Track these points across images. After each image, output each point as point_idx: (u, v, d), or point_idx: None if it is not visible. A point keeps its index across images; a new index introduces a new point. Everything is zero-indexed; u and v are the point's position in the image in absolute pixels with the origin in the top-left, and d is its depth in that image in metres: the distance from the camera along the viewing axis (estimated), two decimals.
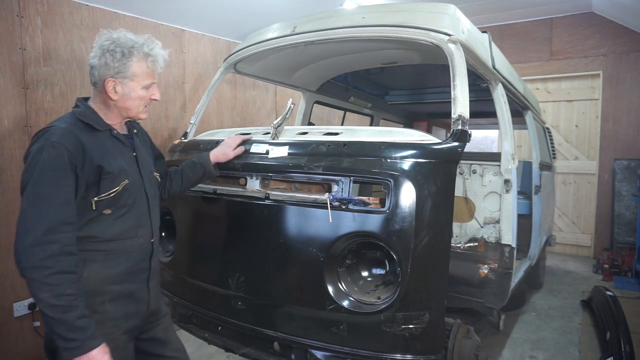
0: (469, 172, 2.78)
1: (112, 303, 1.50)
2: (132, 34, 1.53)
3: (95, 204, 1.44)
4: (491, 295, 2.48)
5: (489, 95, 2.62)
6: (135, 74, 1.49)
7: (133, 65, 1.48)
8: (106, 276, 1.48)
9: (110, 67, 1.46)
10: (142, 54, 1.49)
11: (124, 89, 1.49)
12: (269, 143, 2.05)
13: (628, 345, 2.80)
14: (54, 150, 1.35)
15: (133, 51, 1.47)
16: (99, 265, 1.47)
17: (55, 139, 1.36)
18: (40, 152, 1.35)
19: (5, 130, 2.65)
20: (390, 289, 1.79)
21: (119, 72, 1.47)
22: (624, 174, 5.42)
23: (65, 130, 1.40)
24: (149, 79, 1.54)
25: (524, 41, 6.13)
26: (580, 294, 4.40)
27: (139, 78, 1.51)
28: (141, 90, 1.53)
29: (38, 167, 1.34)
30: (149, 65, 1.52)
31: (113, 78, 1.47)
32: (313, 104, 3.81)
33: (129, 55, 1.47)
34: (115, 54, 1.45)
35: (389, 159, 1.74)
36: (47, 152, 1.34)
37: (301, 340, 1.87)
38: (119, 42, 1.47)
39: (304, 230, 1.86)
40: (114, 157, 1.50)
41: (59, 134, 1.38)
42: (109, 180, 1.46)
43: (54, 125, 1.42)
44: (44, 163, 1.34)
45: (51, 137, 1.37)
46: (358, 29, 2.17)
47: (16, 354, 2.74)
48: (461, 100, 1.86)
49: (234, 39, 4.26)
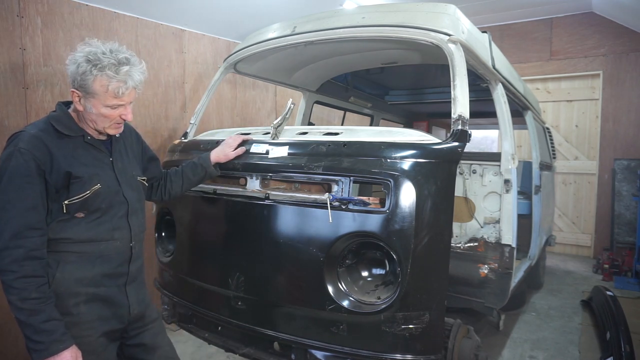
0: (469, 172, 2.79)
1: (87, 305, 1.50)
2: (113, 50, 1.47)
3: (65, 207, 1.44)
4: (491, 295, 2.48)
5: (489, 95, 2.63)
6: (96, 92, 1.44)
7: (94, 83, 1.42)
8: (80, 278, 1.48)
9: (75, 80, 1.44)
10: (106, 76, 1.42)
11: (86, 103, 1.46)
12: (269, 143, 2.05)
13: (628, 345, 2.80)
14: (21, 157, 1.37)
15: (94, 70, 1.41)
16: (72, 266, 1.47)
17: (23, 146, 1.38)
18: (9, 159, 1.37)
19: (5, 130, 2.65)
20: (390, 289, 1.79)
21: (81, 87, 1.44)
22: (624, 174, 5.42)
23: (33, 136, 1.41)
24: (112, 100, 1.46)
25: (524, 41, 6.13)
26: (580, 294, 4.40)
27: (100, 97, 1.44)
28: (104, 109, 1.47)
29: (6, 173, 1.36)
30: (111, 87, 1.44)
31: (76, 90, 1.45)
32: (313, 104, 3.81)
33: (90, 72, 1.41)
34: (80, 68, 1.42)
35: (389, 159, 1.74)
36: (15, 158, 1.37)
37: (301, 340, 1.87)
38: (88, 57, 1.43)
39: (304, 230, 1.86)
40: (84, 163, 1.49)
41: (27, 140, 1.40)
42: (78, 185, 1.46)
43: (24, 131, 1.43)
44: (12, 169, 1.36)
45: (19, 144, 1.39)
46: (358, 29, 2.17)
47: (16, 354, 2.74)
48: (461, 100, 1.86)
49: (234, 39, 4.25)
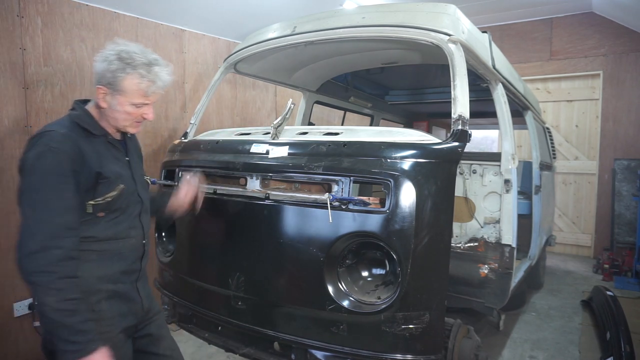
0: (469, 172, 2.78)
1: (108, 302, 1.51)
2: (143, 51, 1.52)
3: (91, 208, 1.45)
4: (491, 295, 2.48)
5: (489, 95, 2.63)
6: (125, 90, 1.47)
7: (125, 80, 1.46)
8: (100, 275, 1.49)
9: (104, 77, 1.46)
10: (137, 74, 1.47)
11: (111, 100, 1.48)
12: (269, 143, 2.05)
13: (628, 345, 2.80)
14: (55, 156, 1.35)
15: (127, 68, 1.46)
16: (93, 264, 1.48)
17: (55, 145, 1.36)
18: (41, 158, 1.35)
19: (5, 130, 2.65)
20: (390, 289, 1.79)
21: (110, 84, 1.46)
22: (624, 174, 5.42)
23: (64, 135, 1.40)
24: (139, 99, 1.50)
25: (524, 41, 6.13)
26: (580, 294, 4.40)
27: (128, 94, 1.48)
28: (129, 107, 1.50)
29: (39, 172, 1.34)
30: (142, 86, 1.49)
31: (104, 87, 1.47)
32: (313, 104, 3.81)
33: (123, 70, 1.45)
34: (111, 65, 1.45)
35: (389, 159, 1.74)
36: (48, 157, 1.34)
37: (301, 340, 1.87)
38: (120, 55, 1.46)
39: (304, 230, 1.86)
40: (110, 162, 1.51)
41: (59, 139, 1.38)
42: (105, 185, 1.47)
43: (52, 130, 1.41)
44: (46, 168, 1.34)
45: (51, 142, 1.36)
46: (358, 29, 2.17)
47: (16, 354, 2.74)
48: (461, 100, 1.86)
49: (234, 39, 4.26)
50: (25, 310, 2.76)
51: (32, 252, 1.29)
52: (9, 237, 2.70)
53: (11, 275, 2.71)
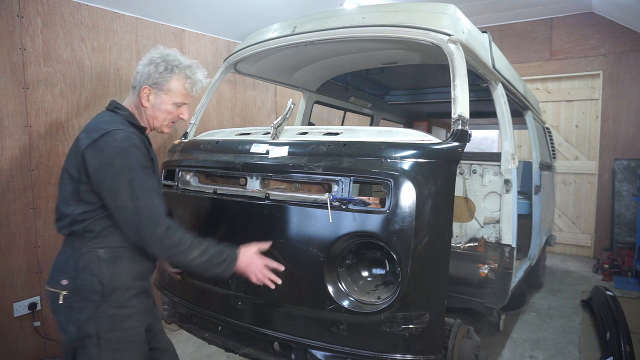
0: (469, 172, 2.78)
1: (137, 298, 1.60)
2: (183, 56, 1.67)
3: None
4: (491, 295, 2.48)
5: (489, 95, 2.62)
6: (170, 90, 1.62)
7: (172, 81, 1.61)
8: (134, 272, 1.59)
9: (150, 77, 1.59)
10: (183, 75, 1.63)
11: (155, 99, 1.62)
12: (269, 143, 2.05)
13: (628, 345, 2.80)
14: (139, 151, 1.49)
15: (175, 70, 1.61)
16: (127, 261, 1.56)
17: (136, 141, 1.49)
18: (126, 154, 1.45)
19: (5, 130, 2.65)
20: (390, 289, 1.79)
21: (156, 84, 1.60)
22: (624, 174, 5.42)
23: (134, 132, 1.54)
24: (181, 98, 1.65)
25: (524, 41, 6.13)
26: (580, 294, 4.40)
27: (173, 94, 1.63)
28: (170, 106, 1.64)
29: (129, 167, 1.45)
30: (186, 86, 1.64)
31: (149, 87, 1.60)
32: (313, 104, 3.81)
33: (170, 71, 1.60)
34: (158, 67, 1.59)
35: (389, 159, 1.73)
36: (133, 153, 1.46)
37: (301, 340, 1.87)
38: (167, 59, 1.61)
39: (304, 230, 1.86)
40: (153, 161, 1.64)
41: (134, 137, 1.50)
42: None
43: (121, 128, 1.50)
44: (134, 163, 1.46)
45: (131, 140, 1.48)
46: (358, 29, 2.17)
47: (16, 354, 2.74)
48: (461, 100, 1.86)
49: (234, 39, 4.26)
50: (25, 310, 2.76)
51: (163, 234, 1.47)
52: (10, 237, 2.70)
53: (11, 275, 2.71)
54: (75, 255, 1.50)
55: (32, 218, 2.79)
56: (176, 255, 1.52)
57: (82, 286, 1.48)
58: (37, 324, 2.81)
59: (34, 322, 2.81)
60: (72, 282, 1.48)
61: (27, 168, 2.76)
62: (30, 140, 2.77)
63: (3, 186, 2.66)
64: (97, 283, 1.48)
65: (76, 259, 1.49)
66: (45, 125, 2.83)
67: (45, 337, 2.86)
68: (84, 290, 1.48)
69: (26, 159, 2.75)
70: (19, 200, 2.73)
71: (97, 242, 1.50)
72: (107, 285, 1.49)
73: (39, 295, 2.83)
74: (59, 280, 1.49)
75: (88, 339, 1.48)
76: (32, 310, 2.79)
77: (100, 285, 1.48)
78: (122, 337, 1.53)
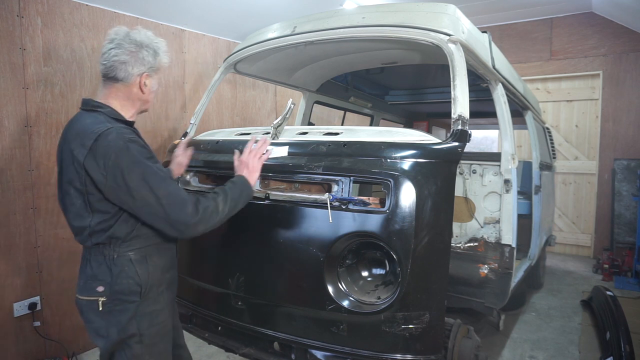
0: (469, 172, 2.78)
1: (167, 290, 1.64)
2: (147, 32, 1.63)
3: None
4: (491, 295, 2.48)
5: (489, 95, 2.62)
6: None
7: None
8: (163, 266, 1.61)
9: (146, 62, 1.56)
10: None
11: (151, 83, 1.60)
12: (269, 143, 2.04)
13: (628, 345, 2.80)
14: (137, 144, 1.44)
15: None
16: (156, 258, 1.58)
17: (130, 136, 1.45)
18: (126, 150, 1.40)
19: (5, 130, 2.65)
20: (390, 289, 1.79)
21: (152, 67, 1.58)
22: (624, 174, 5.42)
23: (124, 127, 1.49)
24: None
25: (524, 41, 6.13)
26: (580, 294, 4.40)
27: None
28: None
29: (135, 163, 1.41)
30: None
31: (147, 72, 1.57)
32: (313, 104, 3.81)
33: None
34: (149, 50, 1.56)
35: (389, 159, 1.74)
36: (133, 148, 1.42)
37: (301, 340, 1.87)
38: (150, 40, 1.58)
39: (304, 230, 1.86)
40: None
41: (126, 131, 1.46)
42: None
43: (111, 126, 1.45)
44: (137, 156, 1.42)
45: (124, 136, 1.43)
46: (358, 29, 2.17)
47: (16, 354, 2.74)
48: (461, 100, 1.86)
49: (234, 39, 4.26)
50: (25, 310, 2.76)
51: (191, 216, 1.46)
52: (10, 237, 2.70)
53: (11, 275, 2.71)
54: (107, 262, 1.49)
55: (32, 218, 2.79)
56: (213, 220, 1.53)
57: (121, 290, 1.49)
58: (37, 324, 2.81)
59: (34, 322, 2.81)
60: (109, 288, 1.48)
61: (27, 168, 2.76)
62: (30, 140, 2.77)
63: (3, 186, 2.66)
64: (134, 285, 1.50)
65: (109, 266, 1.49)
66: (45, 125, 2.83)
67: (45, 337, 2.86)
68: (122, 293, 1.49)
69: (26, 159, 2.75)
70: (19, 200, 2.73)
71: (126, 246, 1.50)
72: (144, 285, 1.52)
73: (39, 295, 2.83)
74: (95, 287, 1.48)
75: (131, 338, 1.51)
76: (32, 310, 2.79)
77: (139, 287, 1.50)
78: (158, 331, 1.58)
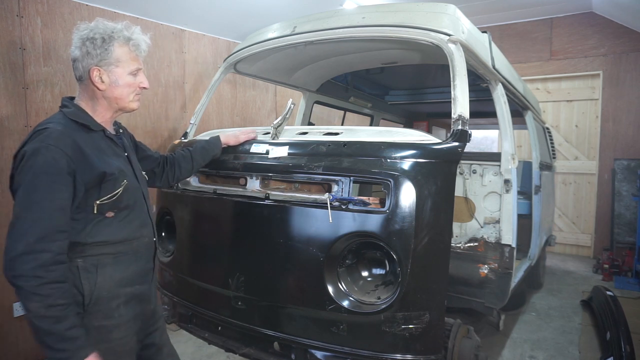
0: (469, 172, 2.78)
1: (126, 306, 1.48)
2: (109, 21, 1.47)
3: (97, 208, 1.39)
4: (491, 295, 2.48)
5: (489, 95, 2.62)
6: (119, 60, 1.44)
7: (115, 50, 1.42)
8: (119, 279, 1.46)
9: (92, 55, 1.40)
10: (123, 39, 1.44)
11: (110, 77, 1.43)
12: (269, 143, 2.05)
13: (628, 345, 2.80)
14: (50, 154, 1.27)
15: (113, 36, 1.42)
16: (110, 268, 1.44)
17: (52, 142, 1.29)
18: (36, 155, 1.27)
19: (5, 130, 2.65)
20: (390, 289, 1.79)
21: (102, 59, 1.41)
22: (624, 174, 5.42)
23: (62, 132, 1.33)
24: (134, 64, 1.48)
25: (524, 41, 6.13)
26: (580, 294, 4.40)
27: (124, 63, 1.45)
28: (128, 77, 1.47)
29: (32, 170, 1.27)
30: (132, 49, 1.47)
31: (97, 66, 1.41)
32: (313, 104, 3.81)
33: (109, 40, 1.41)
34: (95, 41, 1.40)
35: (389, 159, 1.73)
36: (42, 155, 1.27)
37: (301, 340, 1.87)
38: (97, 30, 1.41)
39: (304, 230, 1.86)
40: (112, 159, 1.46)
41: (56, 136, 1.31)
42: (110, 183, 1.41)
43: (48, 127, 1.33)
44: (39, 166, 1.26)
45: (48, 140, 1.29)
46: (358, 29, 2.17)
47: (16, 354, 2.74)
48: (461, 100, 1.86)
49: (234, 39, 4.26)
50: None
51: (19, 255, 1.21)
52: None
53: None
54: None
55: None
56: (18, 289, 1.21)
57: None
58: None
59: None
60: None
61: None
62: None
63: (3, 186, 2.66)
64: (77, 294, 1.36)
65: None
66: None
67: None
68: None
69: None
70: None
71: (76, 252, 1.36)
72: (87, 296, 1.37)
73: None
74: None
75: None
76: None
77: (81, 297, 1.36)
78: (110, 349, 1.41)
